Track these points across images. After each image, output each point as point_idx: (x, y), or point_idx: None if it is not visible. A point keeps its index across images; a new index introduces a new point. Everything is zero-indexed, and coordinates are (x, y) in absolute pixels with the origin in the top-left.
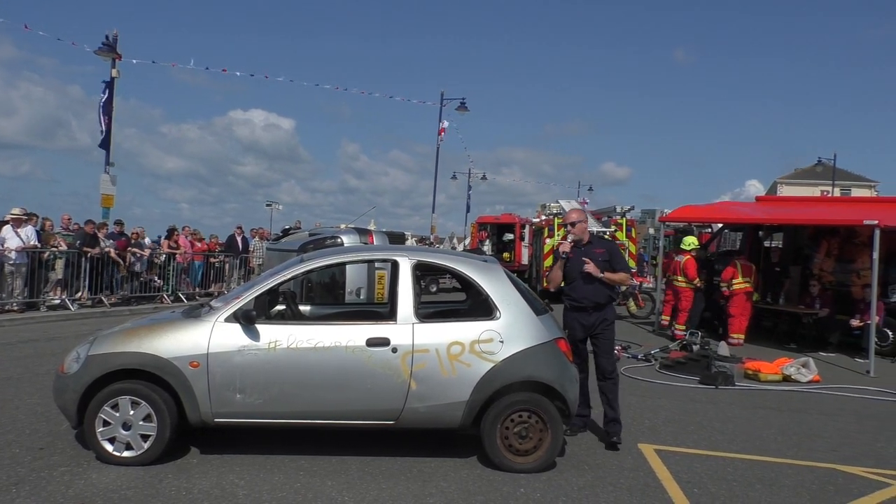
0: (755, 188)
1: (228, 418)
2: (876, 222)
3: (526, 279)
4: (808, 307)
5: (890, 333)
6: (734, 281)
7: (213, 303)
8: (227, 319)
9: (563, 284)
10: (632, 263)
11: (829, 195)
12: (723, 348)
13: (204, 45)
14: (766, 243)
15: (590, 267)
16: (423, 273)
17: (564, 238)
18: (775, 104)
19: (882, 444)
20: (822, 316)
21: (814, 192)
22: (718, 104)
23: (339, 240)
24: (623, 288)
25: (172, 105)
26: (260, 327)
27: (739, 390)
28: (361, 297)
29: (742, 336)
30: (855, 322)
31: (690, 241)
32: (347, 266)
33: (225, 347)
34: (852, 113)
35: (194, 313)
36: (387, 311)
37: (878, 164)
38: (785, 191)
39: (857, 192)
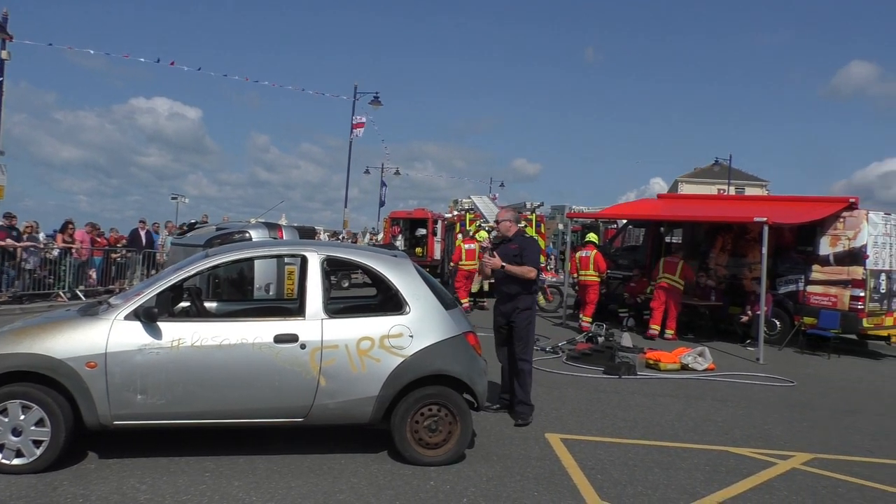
0: (659, 186)
1: (129, 420)
2: (765, 219)
3: (438, 274)
4: (704, 299)
5: (777, 323)
6: (657, 277)
7: (111, 300)
8: (127, 317)
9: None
10: (542, 258)
11: (725, 193)
12: (626, 339)
13: (102, 27)
14: (667, 239)
15: (490, 261)
16: (335, 268)
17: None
18: (678, 106)
19: (769, 426)
20: (716, 304)
21: (711, 190)
22: (625, 105)
23: (247, 234)
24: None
25: (68, 90)
26: (162, 325)
27: (641, 379)
28: (270, 293)
29: (657, 328)
30: (744, 318)
31: (593, 236)
32: (256, 261)
33: (125, 346)
34: (747, 117)
35: (91, 311)
36: (296, 307)
37: (769, 164)
38: (685, 189)
39: (750, 191)
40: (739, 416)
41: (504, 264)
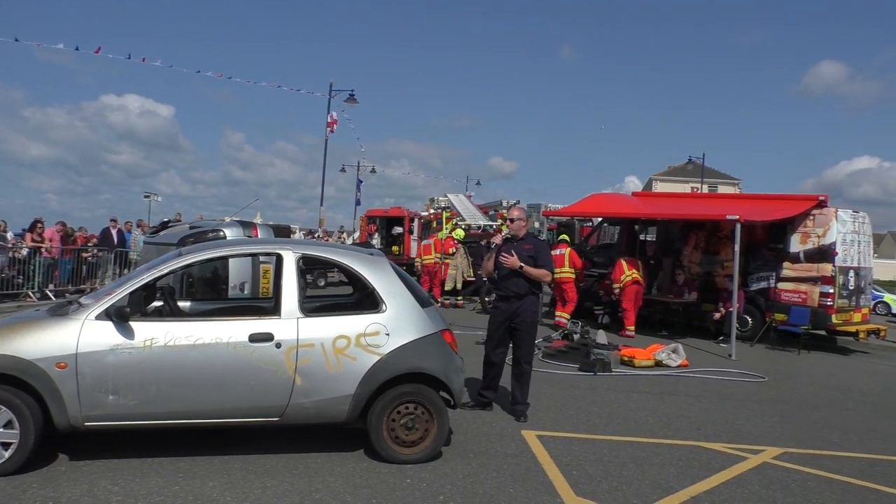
0: (634, 184)
1: (101, 421)
2: (737, 217)
3: (414, 273)
4: (678, 296)
5: (749, 320)
6: (622, 277)
7: (82, 300)
8: (99, 317)
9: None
10: None
11: (699, 192)
12: (601, 336)
13: (71, 21)
14: (642, 237)
15: (508, 260)
16: (311, 267)
17: (500, 231)
18: (653, 104)
19: (740, 421)
20: (690, 301)
21: (685, 188)
22: (601, 103)
23: (221, 233)
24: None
25: (37, 86)
26: (134, 325)
27: (616, 376)
28: (245, 292)
29: (633, 329)
30: (717, 315)
31: (565, 237)
32: (231, 260)
33: (96, 347)
34: (720, 115)
35: (61, 311)
36: (271, 306)
37: (742, 163)
38: (659, 187)
39: (723, 189)
40: (712, 412)
41: (522, 265)
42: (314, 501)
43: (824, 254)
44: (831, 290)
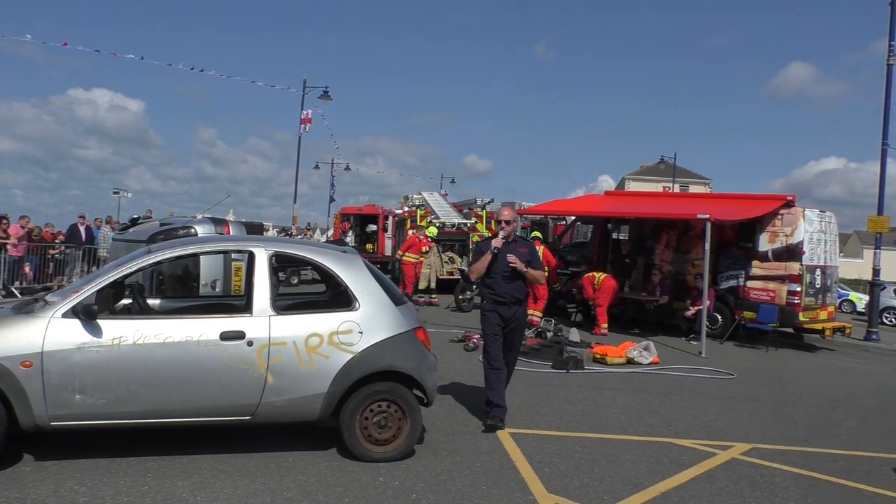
0: (607, 183)
1: (67, 421)
2: (708, 216)
3: (389, 270)
4: (651, 295)
5: (719, 318)
6: (595, 280)
7: (48, 297)
8: (66, 315)
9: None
10: None
11: (670, 191)
12: (573, 334)
13: (39, 13)
14: (615, 235)
15: (515, 262)
16: (284, 265)
17: (495, 234)
18: (626, 104)
19: (711, 417)
20: (662, 303)
21: (657, 187)
22: (576, 101)
23: (192, 230)
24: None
25: (2, 80)
26: (102, 322)
27: (588, 373)
28: (217, 290)
29: (607, 326)
30: (689, 313)
31: (538, 233)
32: (202, 257)
33: (62, 345)
34: (691, 115)
35: (27, 309)
36: (243, 304)
37: (713, 163)
38: (632, 186)
39: (694, 188)
40: (682, 409)
41: (527, 269)
42: (286, 500)
43: (792, 253)
44: (798, 289)
